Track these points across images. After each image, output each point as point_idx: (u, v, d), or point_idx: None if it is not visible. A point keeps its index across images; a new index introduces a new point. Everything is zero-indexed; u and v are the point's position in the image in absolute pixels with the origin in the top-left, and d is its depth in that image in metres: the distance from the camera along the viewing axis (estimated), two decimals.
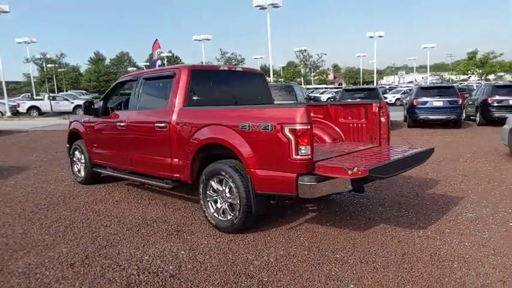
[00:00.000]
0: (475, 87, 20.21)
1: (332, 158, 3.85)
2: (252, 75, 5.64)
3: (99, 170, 6.18)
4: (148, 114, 5.03)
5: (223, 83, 5.21)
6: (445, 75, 69.17)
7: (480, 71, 35.97)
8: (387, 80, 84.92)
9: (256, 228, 4.17)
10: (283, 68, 50.70)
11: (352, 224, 4.33)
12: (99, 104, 5.95)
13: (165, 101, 4.84)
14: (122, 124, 5.32)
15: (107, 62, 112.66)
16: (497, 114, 13.68)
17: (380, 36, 44.57)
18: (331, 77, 77.38)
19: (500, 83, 21.44)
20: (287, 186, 3.53)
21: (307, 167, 3.46)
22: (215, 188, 4.23)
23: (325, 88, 41.90)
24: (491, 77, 36.77)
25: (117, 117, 5.53)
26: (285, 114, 3.52)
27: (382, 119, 4.64)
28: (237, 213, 3.95)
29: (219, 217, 4.20)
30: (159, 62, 18.29)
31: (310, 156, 3.44)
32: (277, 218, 4.54)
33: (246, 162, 3.80)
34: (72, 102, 29.10)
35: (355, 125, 4.89)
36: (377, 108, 4.64)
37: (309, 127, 3.41)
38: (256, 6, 27.24)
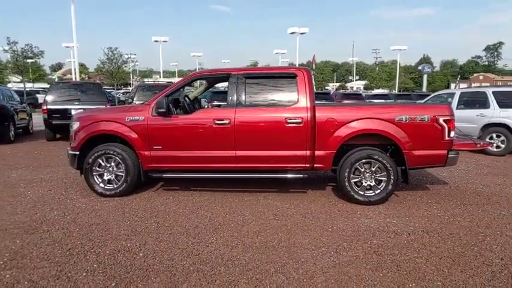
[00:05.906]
0: None
1: None
2: None
3: (167, 175, 5.46)
4: (272, 111, 5.22)
5: None
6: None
7: None
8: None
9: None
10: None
11: (452, 190, 6.03)
12: (166, 101, 5.28)
13: (290, 99, 5.24)
14: (226, 122, 5.19)
15: None
16: None
17: (164, 41, 46.87)
18: None
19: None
20: (439, 159, 5.09)
21: (452, 145, 5.13)
22: (361, 170, 5.18)
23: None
24: None
25: (211, 114, 5.31)
26: (438, 109, 5.08)
27: None
28: (389, 187, 5.11)
29: (366, 193, 5.17)
30: None
31: (453, 137, 5.13)
32: None
33: (403, 146, 5.05)
34: None
35: None
36: None
37: (454, 118, 5.09)
38: None
